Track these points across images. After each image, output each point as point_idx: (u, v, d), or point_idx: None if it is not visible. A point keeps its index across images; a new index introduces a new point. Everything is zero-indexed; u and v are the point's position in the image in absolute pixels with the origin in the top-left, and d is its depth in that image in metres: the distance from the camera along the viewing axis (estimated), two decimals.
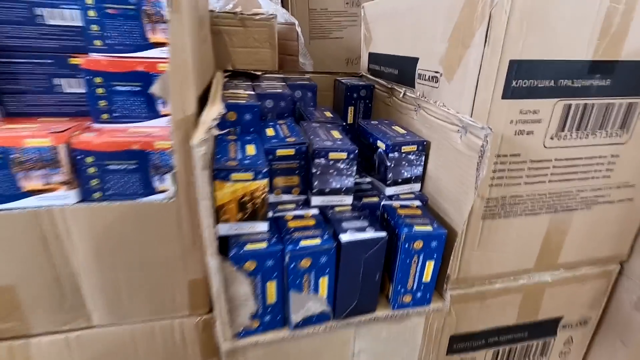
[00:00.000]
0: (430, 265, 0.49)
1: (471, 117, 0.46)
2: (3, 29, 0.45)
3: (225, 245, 0.42)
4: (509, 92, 0.46)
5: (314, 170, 0.48)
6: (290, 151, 0.49)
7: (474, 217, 0.53)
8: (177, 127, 0.40)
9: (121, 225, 0.44)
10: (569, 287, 0.64)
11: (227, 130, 0.51)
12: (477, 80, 0.44)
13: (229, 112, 0.50)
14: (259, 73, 0.71)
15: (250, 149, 0.46)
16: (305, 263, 0.42)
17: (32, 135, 0.39)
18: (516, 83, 0.45)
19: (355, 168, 0.50)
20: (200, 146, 0.33)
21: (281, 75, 0.73)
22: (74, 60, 0.47)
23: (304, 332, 0.47)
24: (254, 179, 0.41)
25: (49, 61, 0.47)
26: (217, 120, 0.38)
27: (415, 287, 0.50)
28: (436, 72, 0.52)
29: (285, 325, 0.47)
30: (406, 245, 0.46)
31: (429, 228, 0.47)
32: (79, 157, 0.41)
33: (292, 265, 0.42)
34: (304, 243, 0.42)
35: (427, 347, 0.61)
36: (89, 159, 0.41)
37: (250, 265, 0.41)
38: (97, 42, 0.45)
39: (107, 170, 0.42)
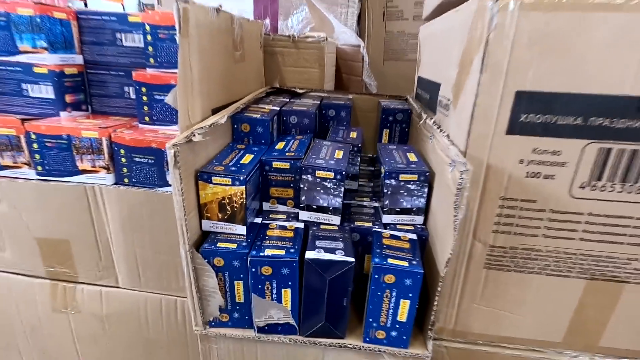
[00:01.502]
0: (405, 305, 0.45)
1: (465, 150, 0.41)
2: (94, 49, 0.60)
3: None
4: (517, 128, 0.40)
5: (301, 186, 0.50)
6: (286, 164, 0.52)
7: (474, 265, 0.47)
8: (182, 131, 0.47)
9: (140, 208, 0.54)
10: None
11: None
12: (473, 111, 0.40)
13: (243, 124, 0.56)
14: (301, 91, 0.76)
15: (247, 159, 0.51)
16: (266, 270, 0.44)
17: (86, 129, 0.51)
18: (526, 118, 0.39)
19: (342, 189, 0.50)
20: (171, 149, 0.39)
21: (322, 94, 0.77)
22: None
23: (269, 338, 0.49)
24: (232, 185, 0.45)
25: (122, 74, 0.61)
26: (205, 129, 0.44)
27: (389, 324, 0.47)
28: (448, 99, 0.49)
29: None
30: (376, 276, 0.44)
31: (403, 263, 0.44)
32: (115, 149, 0.52)
33: (253, 270, 0.44)
34: (268, 252, 0.45)
35: None
36: (122, 151, 0.52)
37: (218, 261, 0.46)
38: (152, 60, 0.56)
39: (133, 161, 0.52)
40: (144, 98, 0.56)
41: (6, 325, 0.67)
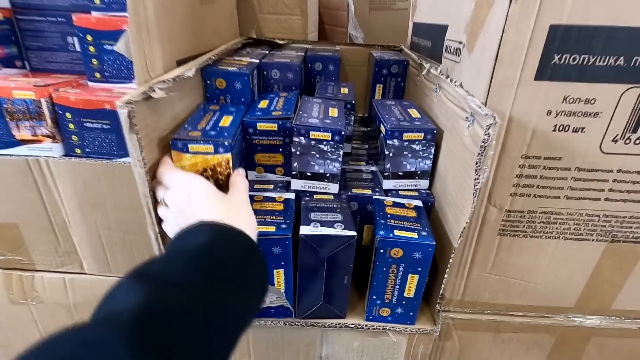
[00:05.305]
0: (413, 280, 0.40)
1: (486, 100, 0.35)
2: None
3: None
4: (548, 72, 0.33)
5: (293, 150, 0.43)
6: (273, 126, 0.44)
7: (488, 231, 0.42)
8: (139, 86, 0.38)
9: (98, 183, 0.46)
10: (628, 341, 0.49)
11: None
12: (497, 52, 0.33)
13: (218, 79, 0.47)
14: (282, 42, 0.66)
15: (226, 121, 0.42)
16: None
17: (19, 87, 0.41)
18: (560, 59, 0.33)
19: (341, 152, 0.43)
20: (123, 107, 0.30)
21: (306, 46, 0.67)
22: None
23: (261, 322, 0.44)
24: (215, 152, 0.37)
25: (62, 20, 0.49)
26: (168, 82, 0.35)
27: (394, 300, 0.42)
28: (460, 42, 0.41)
29: None
30: (381, 251, 0.39)
31: (412, 235, 0.38)
32: (59, 112, 0.42)
33: None
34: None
35: None
36: (68, 115, 0.42)
37: None
38: (97, 1, 0.45)
39: (84, 128, 0.43)
40: (91, 49, 0.45)
41: None
